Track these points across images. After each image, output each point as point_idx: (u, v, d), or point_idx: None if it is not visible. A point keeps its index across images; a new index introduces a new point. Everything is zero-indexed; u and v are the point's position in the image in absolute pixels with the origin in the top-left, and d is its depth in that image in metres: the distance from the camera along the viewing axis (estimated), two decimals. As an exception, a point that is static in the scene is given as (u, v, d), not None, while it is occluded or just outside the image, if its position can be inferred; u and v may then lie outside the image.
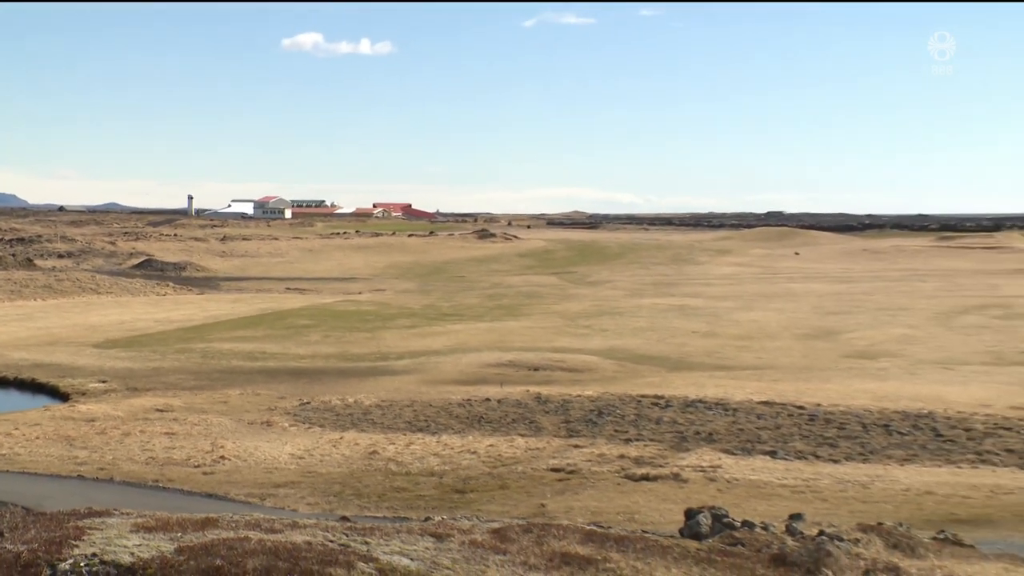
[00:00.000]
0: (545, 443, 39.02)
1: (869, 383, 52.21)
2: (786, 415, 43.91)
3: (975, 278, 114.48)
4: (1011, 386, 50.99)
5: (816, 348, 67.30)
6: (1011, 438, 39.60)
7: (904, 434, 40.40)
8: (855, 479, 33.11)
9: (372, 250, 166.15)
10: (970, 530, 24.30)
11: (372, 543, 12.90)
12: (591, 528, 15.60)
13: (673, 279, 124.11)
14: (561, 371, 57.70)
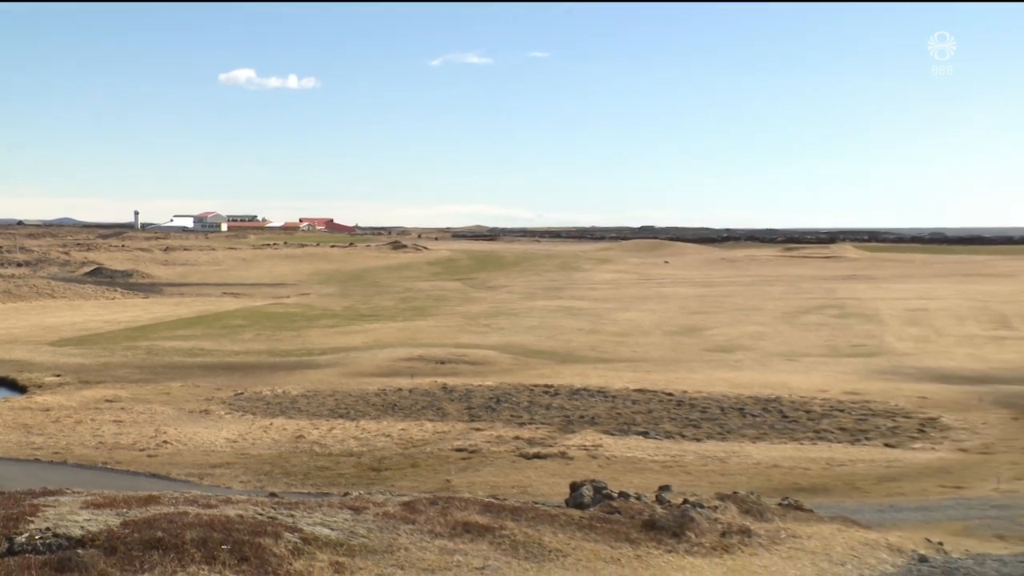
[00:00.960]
0: (450, 427, 39.05)
1: (727, 373, 52.89)
2: (657, 401, 44.34)
3: (814, 283, 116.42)
4: (844, 374, 52.01)
5: (682, 343, 68.01)
6: (844, 418, 40.40)
7: (756, 416, 40.98)
8: (715, 455, 33.55)
9: (299, 259, 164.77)
10: (809, 497, 24.76)
11: (297, 515, 12.85)
12: (489, 500, 15.66)
13: (561, 284, 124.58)
14: (464, 364, 57.71)
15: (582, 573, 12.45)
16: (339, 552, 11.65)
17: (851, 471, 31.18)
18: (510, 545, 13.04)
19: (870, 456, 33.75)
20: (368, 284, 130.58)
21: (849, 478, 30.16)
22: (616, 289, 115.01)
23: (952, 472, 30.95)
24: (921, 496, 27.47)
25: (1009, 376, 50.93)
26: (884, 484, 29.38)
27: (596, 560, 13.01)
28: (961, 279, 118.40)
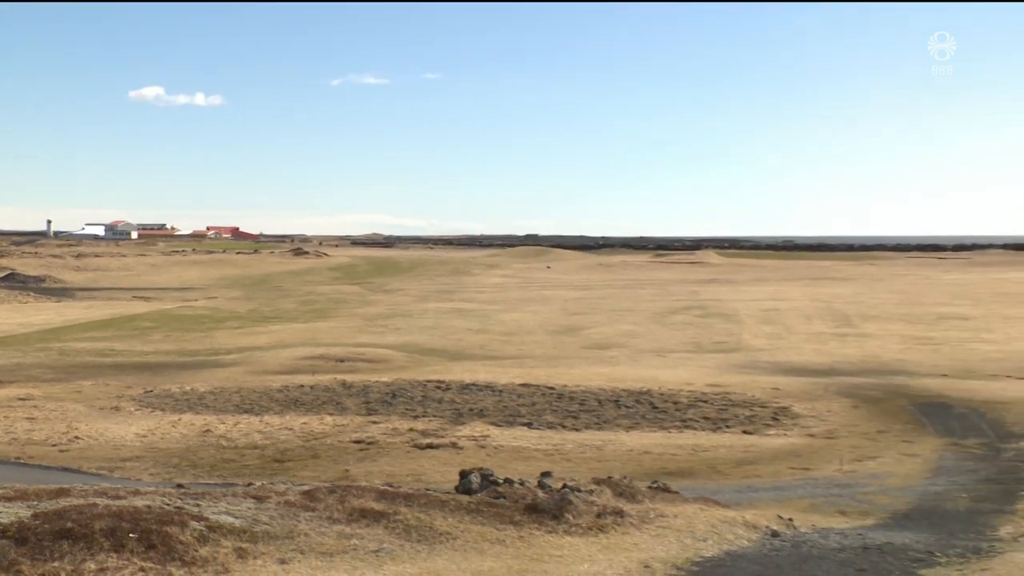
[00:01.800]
0: (349, 420, 38.66)
1: (603, 368, 53.27)
2: (540, 394, 44.44)
3: (681, 286, 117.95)
4: (707, 369, 52.75)
5: (563, 341, 68.34)
6: (707, 408, 40.92)
7: (629, 407, 41.30)
8: (592, 443, 33.74)
9: (206, 265, 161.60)
10: (676, 480, 25.08)
11: (203, 505, 12.60)
12: (385, 488, 15.54)
13: (453, 288, 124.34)
14: (362, 362, 57.24)
15: (470, 554, 12.44)
16: (242, 538, 11.48)
17: (713, 456, 31.63)
18: (403, 529, 12.97)
19: (730, 442, 34.25)
20: (272, 288, 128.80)
21: (711, 462, 30.59)
22: (503, 292, 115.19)
23: (801, 455, 31.60)
24: (775, 477, 28.00)
25: (850, 369, 52.19)
26: (742, 467, 29.87)
27: (483, 541, 13.01)
28: (809, 282, 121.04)
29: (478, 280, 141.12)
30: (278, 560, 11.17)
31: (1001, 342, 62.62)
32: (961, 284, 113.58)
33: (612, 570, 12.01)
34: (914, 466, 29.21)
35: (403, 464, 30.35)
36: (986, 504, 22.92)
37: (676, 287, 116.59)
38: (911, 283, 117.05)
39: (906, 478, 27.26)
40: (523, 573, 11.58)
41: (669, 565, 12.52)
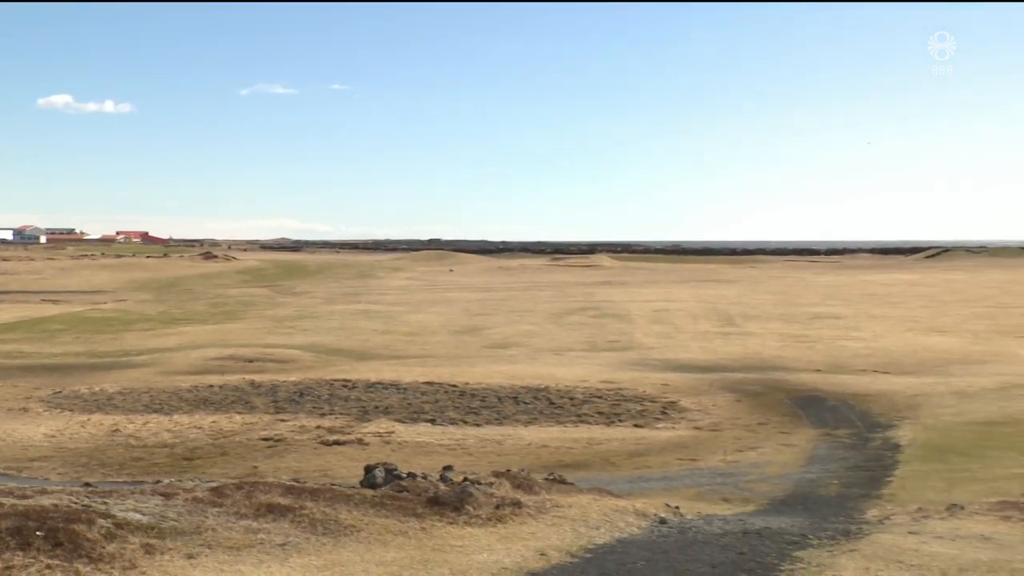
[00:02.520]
0: (258, 419, 38.11)
1: (503, 366, 53.35)
2: (443, 392, 44.34)
3: (577, 288, 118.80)
4: (601, 366, 53.18)
5: (465, 341, 68.31)
6: (601, 403, 41.28)
7: (528, 403, 41.45)
8: (492, 438, 33.80)
9: (115, 268, 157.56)
10: (572, 471, 25.21)
11: (111, 503, 12.28)
12: (291, 483, 15.34)
13: (359, 290, 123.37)
14: (271, 362, 56.48)
15: (374, 545, 12.34)
16: (150, 535, 11.21)
17: (607, 448, 31.91)
18: (309, 523, 12.82)
19: (622, 435, 34.60)
20: (182, 291, 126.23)
21: (605, 454, 30.85)
22: (407, 294, 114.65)
23: (688, 447, 32.06)
24: (664, 468, 28.35)
25: (733, 365, 53.09)
26: (634, 459, 30.18)
27: (386, 533, 12.92)
28: (696, 284, 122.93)
29: (383, 283, 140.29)
30: (185, 555, 10.95)
31: (869, 339, 64.36)
32: (833, 286, 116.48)
33: (510, 558, 12.02)
34: (791, 455, 29.84)
35: (310, 460, 30.03)
36: (855, 490, 23.53)
37: (572, 289, 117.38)
38: (788, 285, 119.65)
39: (784, 467, 27.83)
40: (425, 563, 11.52)
41: (564, 552, 12.57)
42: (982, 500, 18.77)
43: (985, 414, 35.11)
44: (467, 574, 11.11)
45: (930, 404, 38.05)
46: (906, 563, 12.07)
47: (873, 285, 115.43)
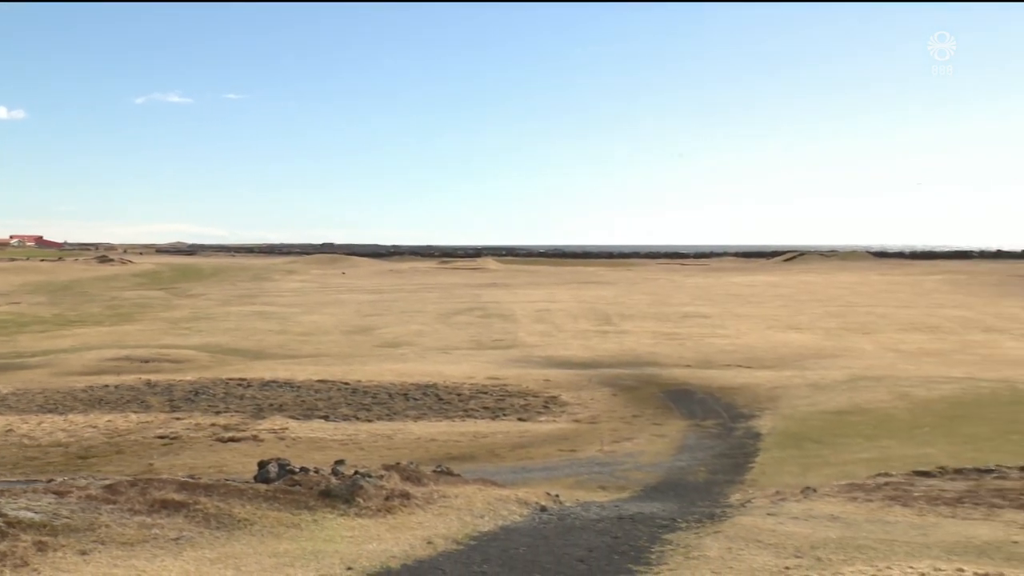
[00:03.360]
0: (153, 417, 37.03)
1: (394, 364, 53.03)
2: (336, 389, 43.84)
3: (464, 289, 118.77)
4: (487, 364, 53.26)
5: (357, 340, 67.70)
6: (487, 399, 41.34)
7: (417, 399, 41.26)
8: (383, 433, 33.52)
9: (9, 271, 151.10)
10: (459, 464, 25.18)
11: (2, 502, 11.77)
12: (186, 480, 14.96)
13: (254, 292, 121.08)
14: (167, 362, 55.01)
15: (266, 538, 12.13)
16: (42, 532, 10.80)
17: (492, 441, 31.93)
18: (203, 517, 12.52)
19: (507, 429, 34.67)
20: (77, 293, 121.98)
21: (490, 447, 30.88)
22: (301, 296, 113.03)
23: (568, 438, 32.31)
24: (545, 459, 28.51)
25: (610, 361, 53.76)
26: (517, 450, 30.27)
27: (279, 526, 12.72)
28: (576, 286, 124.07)
29: (278, 285, 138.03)
30: (78, 551, 10.59)
31: (733, 336, 65.88)
32: (701, 287, 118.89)
33: (398, 547, 11.95)
34: (663, 445, 30.33)
35: (205, 457, 29.33)
36: (720, 476, 24.06)
37: (460, 290, 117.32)
38: (661, 286, 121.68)
39: (656, 456, 28.28)
40: (316, 554, 11.37)
41: (449, 540, 12.55)
42: (832, 483, 19.38)
43: (836, 404, 36.26)
44: (357, 563, 11.01)
45: (788, 396, 39.14)
46: (764, 542, 12.40)
47: (737, 286, 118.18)
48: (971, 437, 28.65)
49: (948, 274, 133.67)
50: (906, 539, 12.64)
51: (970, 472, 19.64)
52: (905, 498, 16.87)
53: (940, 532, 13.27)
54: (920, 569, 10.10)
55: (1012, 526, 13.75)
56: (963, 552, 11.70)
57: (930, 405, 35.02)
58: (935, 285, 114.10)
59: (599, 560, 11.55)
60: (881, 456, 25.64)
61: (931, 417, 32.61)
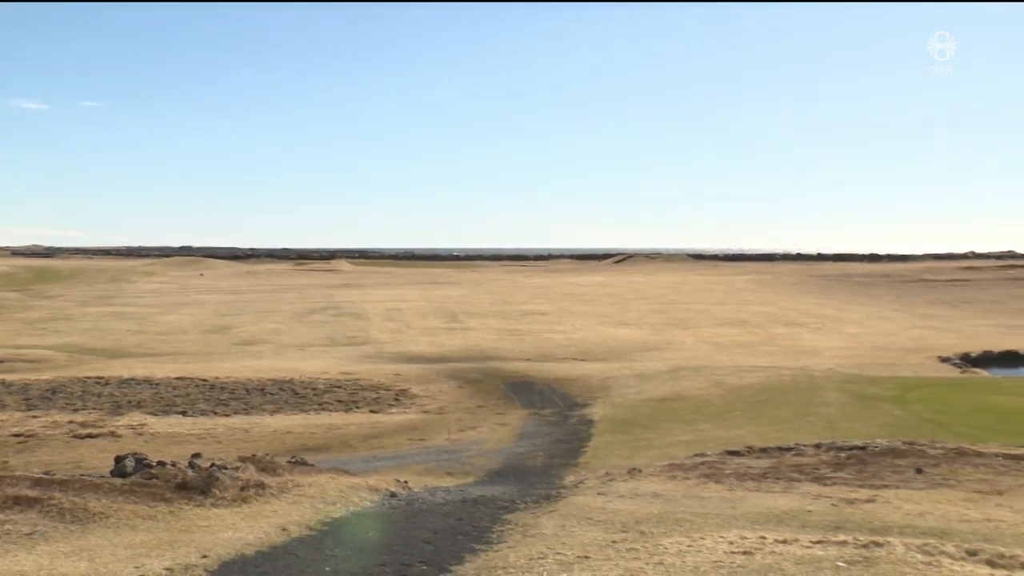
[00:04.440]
0: (8, 416, 34.95)
1: (251, 361, 51.76)
2: (194, 386, 42.44)
3: (319, 290, 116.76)
4: (341, 360, 52.60)
5: (215, 339, 65.70)
6: (341, 393, 40.83)
7: (274, 394, 40.40)
8: (241, 427, 32.70)
9: None
10: (314, 454, 24.84)
11: None
12: (40, 476, 14.20)
13: (112, 293, 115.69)
14: (23, 362, 52.04)
15: (122, 530, 11.64)
16: None
17: (345, 432, 31.59)
18: (58, 512, 11.93)
19: (360, 420, 34.35)
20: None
21: (344, 438, 30.54)
22: (160, 297, 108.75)
23: (418, 428, 32.26)
24: (396, 448, 28.39)
25: (456, 356, 53.89)
26: (369, 441, 30.05)
27: (135, 518, 12.23)
28: (424, 286, 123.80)
29: (136, 286, 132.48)
30: (-71, 551, 9.94)
31: (568, 332, 67.05)
32: (540, 287, 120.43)
33: (253, 535, 11.67)
34: (505, 433, 30.62)
35: (62, 453, 27.94)
36: (556, 460, 24.47)
37: (314, 291, 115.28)
38: (503, 286, 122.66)
39: (498, 443, 28.53)
40: (172, 543, 10.99)
41: (303, 526, 12.34)
42: (656, 464, 19.98)
43: (659, 392, 37.39)
44: (212, 551, 10.69)
45: (617, 385, 40.11)
46: (595, 519, 12.68)
47: (572, 286, 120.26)
48: (774, 419, 30.03)
49: (755, 275, 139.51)
50: (718, 512, 13.14)
51: (773, 450, 20.58)
52: (718, 475, 17.54)
53: (747, 504, 13.86)
54: (729, 538, 10.52)
55: (807, 497, 14.49)
56: (765, 522, 12.25)
57: (740, 392, 36.53)
58: (744, 284, 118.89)
59: (444, 540, 11.58)
60: (698, 438, 26.58)
61: (741, 402, 34.02)
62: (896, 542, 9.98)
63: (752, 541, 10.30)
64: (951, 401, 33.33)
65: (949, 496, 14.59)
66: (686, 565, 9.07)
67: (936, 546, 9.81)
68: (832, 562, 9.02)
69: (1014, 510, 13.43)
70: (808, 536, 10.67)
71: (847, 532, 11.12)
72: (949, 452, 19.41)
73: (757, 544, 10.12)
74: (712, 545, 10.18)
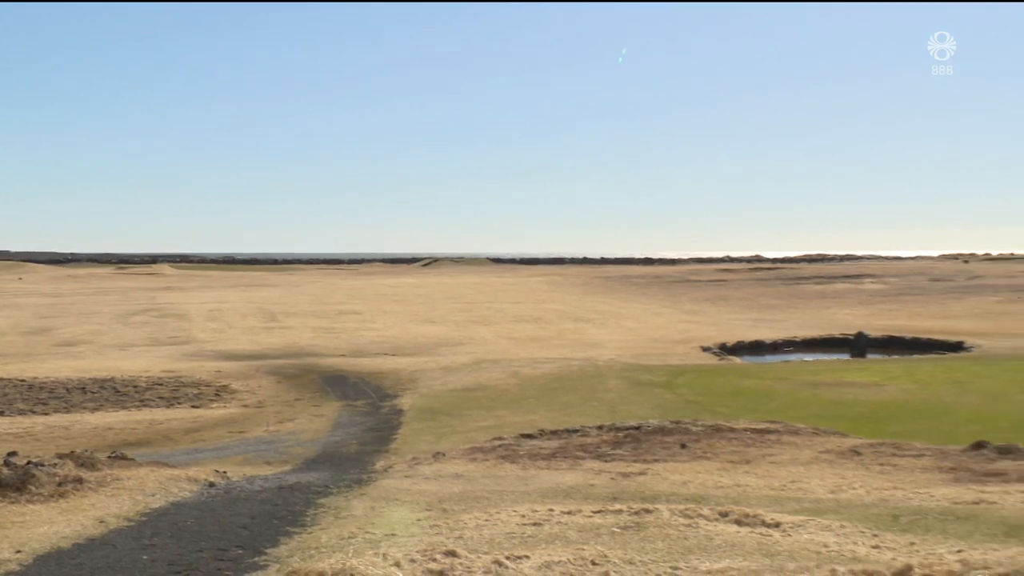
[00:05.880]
0: None
1: (72, 361, 48.33)
2: (11, 387, 39.17)
3: (142, 293, 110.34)
4: (163, 358, 50.02)
5: (35, 340, 60.86)
6: (162, 390, 38.83)
7: (95, 392, 37.90)
8: (60, 424, 30.44)
9: None
10: (135, 449, 23.47)
11: None
12: None
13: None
14: None
15: (-69, 531, 10.61)
16: None
17: (167, 427, 30.03)
18: None
19: (181, 416, 32.79)
20: None
21: (165, 432, 29.01)
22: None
23: (238, 422, 31.13)
24: (217, 440, 27.29)
25: (275, 353, 52.41)
26: (191, 434, 28.71)
27: (-55, 518, 11.18)
28: (245, 288, 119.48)
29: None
30: None
31: (381, 329, 66.54)
32: (355, 288, 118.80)
33: (70, 528, 10.90)
34: (321, 424, 30.04)
35: None
36: (369, 447, 24.24)
37: (137, 294, 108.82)
38: (320, 288, 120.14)
39: (315, 433, 27.95)
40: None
41: (121, 518, 11.63)
42: (458, 447, 20.15)
43: (463, 383, 37.73)
44: (27, 546, 9.90)
45: (425, 378, 40.15)
46: (402, 500, 12.63)
47: (384, 287, 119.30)
48: (564, 404, 30.93)
49: (548, 276, 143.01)
50: (512, 489, 13.39)
51: (562, 432, 21.20)
52: (513, 456, 17.88)
53: (537, 481, 14.20)
54: (521, 512, 10.74)
55: (590, 473, 15.01)
56: (554, 496, 12.59)
57: (535, 380, 37.39)
58: (538, 285, 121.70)
59: (260, 525, 11.23)
60: (497, 423, 27.01)
61: (535, 390, 34.82)
62: (663, 508, 10.48)
63: (541, 513, 10.56)
64: (711, 385, 35.41)
65: (707, 467, 15.49)
66: (483, 537, 9.19)
67: (695, 510, 10.36)
68: (608, 528, 9.38)
69: (758, 476, 14.42)
70: (590, 507, 11.04)
71: (622, 502, 11.58)
72: (708, 429, 20.63)
73: (546, 516, 10.38)
74: (506, 519, 10.36)
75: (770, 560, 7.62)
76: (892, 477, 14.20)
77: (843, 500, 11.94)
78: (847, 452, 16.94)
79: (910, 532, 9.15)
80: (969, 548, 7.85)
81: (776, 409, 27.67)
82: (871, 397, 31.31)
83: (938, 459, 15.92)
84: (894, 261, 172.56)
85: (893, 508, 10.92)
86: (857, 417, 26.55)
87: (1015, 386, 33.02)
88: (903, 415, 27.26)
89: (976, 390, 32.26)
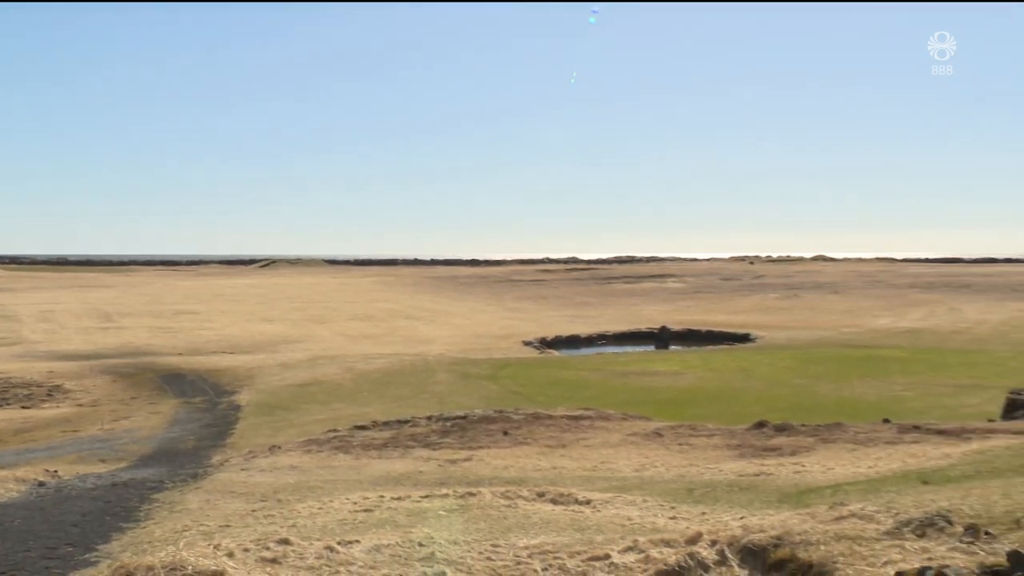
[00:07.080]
0: None
1: None
2: None
3: None
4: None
5: None
6: (-11, 391, 35.59)
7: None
8: None
9: None
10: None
11: None
12: None
13: None
14: None
15: None
16: None
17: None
18: None
19: (10, 416, 30.14)
20: None
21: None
22: None
23: (72, 421, 28.95)
24: (49, 440, 25.27)
25: (111, 353, 49.11)
26: (21, 435, 26.44)
27: None
28: (79, 289, 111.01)
29: None
30: None
31: (218, 329, 63.66)
32: (192, 289, 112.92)
33: None
34: (158, 420, 28.44)
35: None
36: (206, 442, 23.16)
37: None
38: (157, 288, 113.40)
39: (152, 430, 26.43)
40: None
41: (-58, 524, 10.55)
42: (295, 440, 19.63)
43: (300, 379, 36.74)
44: None
45: (263, 374, 38.79)
46: (237, 492, 12.16)
47: (222, 287, 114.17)
48: (396, 397, 30.73)
49: (380, 277, 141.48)
50: (345, 478, 13.18)
51: (394, 423, 21.05)
52: (347, 447, 17.59)
53: (370, 470, 14.05)
54: (353, 499, 10.59)
55: (419, 460, 15.00)
56: (385, 483, 12.49)
57: (368, 375, 36.92)
58: (371, 285, 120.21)
59: (92, 523, 10.48)
60: (333, 416, 26.50)
61: (369, 384, 34.39)
62: (486, 491, 10.62)
63: (373, 500, 10.45)
64: (531, 376, 36.16)
65: (527, 451, 15.84)
66: (316, 525, 8.99)
67: (515, 491, 10.57)
68: (435, 511, 9.41)
69: (573, 458, 14.89)
70: (419, 492, 11.03)
71: (449, 486, 11.64)
72: (528, 417, 21.08)
73: (377, 502, 10.28)
74: (339, 506, 10.19)
75: (581, 534, 7.89)
76: (688, 455, 15.06)
77: (646, 477, 12.53)
78: (651, 434, 17.80)
79: (702, 503, 9.74)
80: (749, 514, 8.44)
81: (590, 397, 28.62)
82: (672, 384, 33.01)
83: (727, 437, 17.02)
84: (692, 262, 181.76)
85: (688, 483, 11.58)
86: (660, 402, 27.93)
87: (790, 372, 35.75)
88: (699, 399, 28.93)
89: (759, 376, 34.67)
